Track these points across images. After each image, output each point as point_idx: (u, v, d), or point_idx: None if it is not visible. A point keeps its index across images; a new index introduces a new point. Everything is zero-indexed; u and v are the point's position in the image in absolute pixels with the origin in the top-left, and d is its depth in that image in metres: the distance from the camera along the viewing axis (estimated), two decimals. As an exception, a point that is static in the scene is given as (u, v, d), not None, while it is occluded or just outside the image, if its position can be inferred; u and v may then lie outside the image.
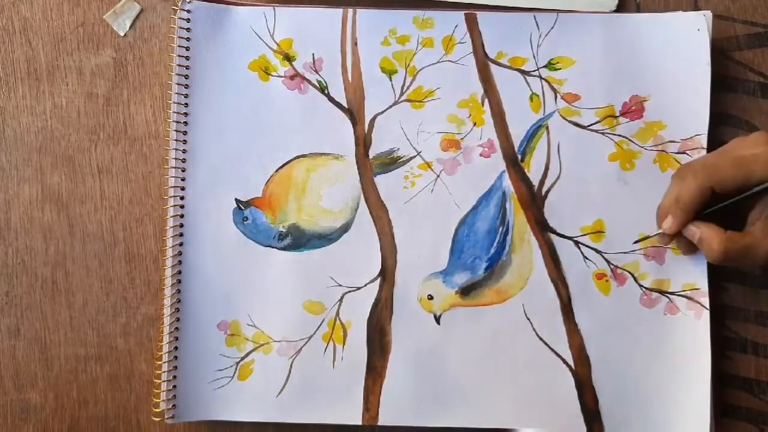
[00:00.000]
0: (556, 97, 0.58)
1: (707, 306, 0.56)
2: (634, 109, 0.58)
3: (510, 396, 0.57)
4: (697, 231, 0.53)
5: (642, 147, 0.58)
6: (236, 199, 0.58)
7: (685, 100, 0.57)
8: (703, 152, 0.57)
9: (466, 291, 0.58)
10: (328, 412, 0.57)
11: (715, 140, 0.57)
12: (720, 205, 0.53)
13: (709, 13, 0.57)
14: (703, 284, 0.56)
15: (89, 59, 0.60)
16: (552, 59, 0.58)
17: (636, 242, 0.57)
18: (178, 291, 0.57)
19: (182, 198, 0.58)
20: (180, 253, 0.58)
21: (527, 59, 0.58)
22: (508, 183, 0.58)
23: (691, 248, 0.56)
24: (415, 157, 0.58)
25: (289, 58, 0.59)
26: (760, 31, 0.59)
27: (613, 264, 0.57)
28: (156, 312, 0.59)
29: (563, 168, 0.58)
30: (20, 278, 0.60)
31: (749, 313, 0.58)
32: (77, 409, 0.59)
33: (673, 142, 0.57)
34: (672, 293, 0.57)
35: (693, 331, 0.56)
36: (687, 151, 0.57)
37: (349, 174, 0.59)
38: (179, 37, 0.58)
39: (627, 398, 0.56)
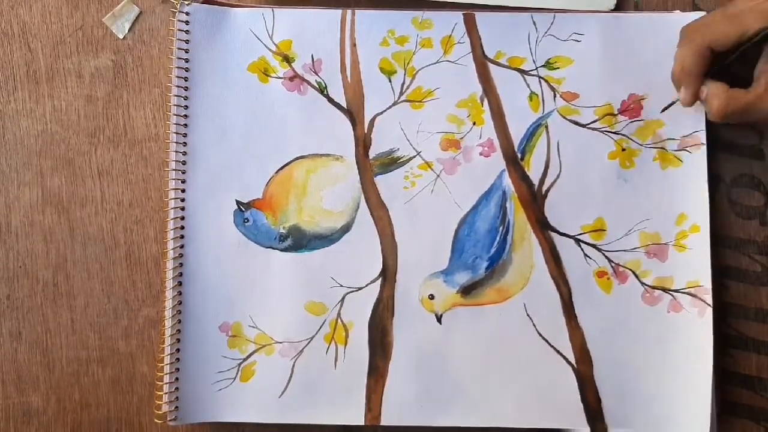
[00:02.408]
0: (554, 96, 0.58)
1: (710, 303, 0.56)
2: (632, 107, 0.58)
3: (512, 395, 0.57)
4: (705, 89, 0.53)
5: (641, 145, 0.58)
6: (237, 201, 0.58)
7: None
8: (703, 148, 0.57)
9: (467, 290, 0.58)
10: (331, 412, 0.57)
11: (714, 138, 0.57)
12: (726, 62, 0.53)
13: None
14: (707, 281, 0.56)
15: (88, 62, 0.60)
16: (550, 59, 0.58)
17: (664, 110, 0.57)
18: (180, 293, 0.57)
19: (183, 200, 0.58)
20: (181, 255, 0.58)
21: (525, 59, 0.59)
22: (508, 182, 0.58)
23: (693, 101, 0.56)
24: (415, 157, 0.58)
25: (288, 60, 0.59)
26: (758, 29, 0.59)
27: (614, 262, 0.57)
28: (157, 314, 0.59)
29: (563, 166, 0.58)
30: (21, 281, 0.60)
31: (750, 311, 0.58)
32: (79, 412, 0.59)
33: (673, 139, 0.57)
34: (675, 291, 0.57)
35: (696, 329, 0.56)
36: (687, 148, 0.57)
37: (350, 174, 0.59)
38: (178, 40, 0.58)
39: (629, 396, 0.56)
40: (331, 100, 0.59)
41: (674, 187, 0.57)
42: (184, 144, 0.58)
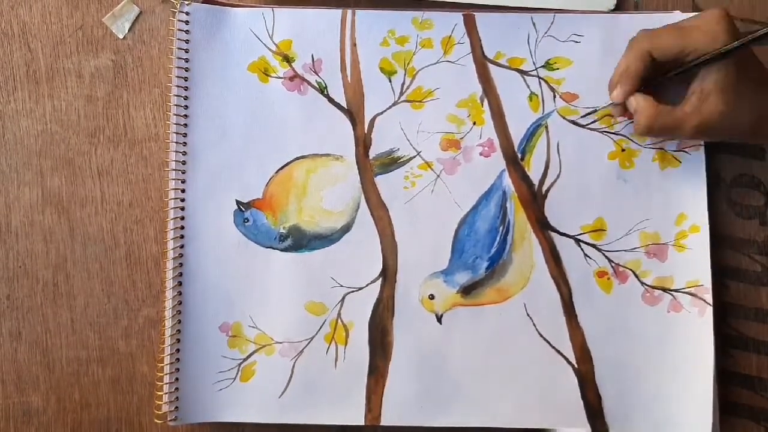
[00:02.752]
0: (554, 97, 0.58)
1: (710, 302, 0.56)
2: (632, 107, 0.58)
3: (512, 394, 0.57)
4: (633, 101, 0.54)
5: (641, 145, 0.58)
6: (237, 201, 0.58)
7: None
8: (701, 149, 0.57)
9: (467, 290, 0.58)
10: (331, 412, 0.57)
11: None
12: (665, 76, 0.53)
13: None
14: (707, 281, 0.56)
15: (88, 62, 0.60)
16: (550, 59, 0.59)
17: (586, 114, 0.58)
18: (180, 293, 0.57)
19: (183, 200, 0.58)
20: (181, 255, 0.58)
21: (525, 59, 0.59)
22: (508, 182, 0.58)
23: (622, 113, 0.56)
24: (415, 157, 0.58)
25: (288, 60, 0.59)
26: (758, 30, 0.59)
27: (614, 262, 0.57)
28: (157, 314, 0.59)
29: (563, 166, 0.58)
30: (21, 281, 0.60)
31: (750, 311, 0.58)
32: (79, 412, 0.59)
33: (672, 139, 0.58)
34: (675, 290, 0.57)
35: (696, 328, 0.57)
36: (685, 149, 0.57)
37: (350, 174, 0.59)
38: (178, 39, 0.58)
39: (630, 395, 0.56)
40: (331, 100, 0.59)
41: (673, 188, 0.57)
42: (184, 144, 0.58)
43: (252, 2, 0.60)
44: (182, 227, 0.58)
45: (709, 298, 0.56)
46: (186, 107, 0.58)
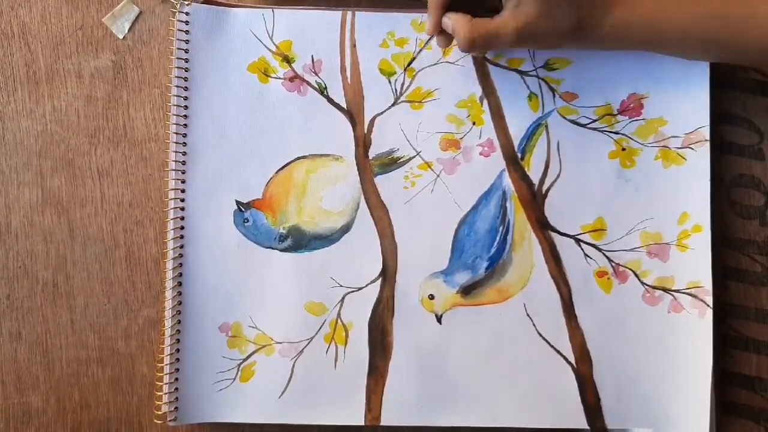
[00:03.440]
0: (554, 97, 0.58)
1: (710, 304, 0.56)
2: (632, 106, 0.58)
3: (512, 394, 0.57)
4: (449, 21, 0.53)
5: (642, 144, 0.58)
6: (237, 201, 0.58)
7: (686, 94, 0.57)
8: (707, 145, 0.57)
9: (467, 290, 0.58)
10: (331, 412, 0.57)
11: (714, 138, 0.57)
12: None
13: None
14: (707, 282, 0.56)
15: (88, 62, 0.60)
16: (549, 59, 0.59)
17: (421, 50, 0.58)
18: (179, 293, 0.57)
19: (183, 200, 0.58)
20: (181, 256, 0.58)
21: (524, 60, 0.59)
22: (508, 182, 0.58)
23: (449, 40, 0.56)
24: (414, 157, 0.58)
25: (288, 60, 0.59)
26: (757, 29, 0.59)
27: (614, 262, 0.57)
28: (157, 314, 0.59)
29: (563, 166, 0.58)
30: (21, 282, 0.60)
31: (750, 311, 0.58)
32: (79, 413, 0.59)
33: (676, 137, 0.57)
34: (676, 291, 0.57)
35: (696, 330, 0.56)
36: (691, 146, 0.57)
37: (349, 175, 0.59)
38: (178, 40, 0.58)
39: (628, 395, 0.56)
40: (331, 101, 0.59)
41: (677, 186, 0.57)
42: (184, 144, 0.58)
43: (252, 2, 0.60)
44: (182, 227, 0.58)
45: (709, 299, 0.56)
46: (186, 107, 0.58)
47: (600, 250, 0.57)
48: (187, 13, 0.58)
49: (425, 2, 0.54)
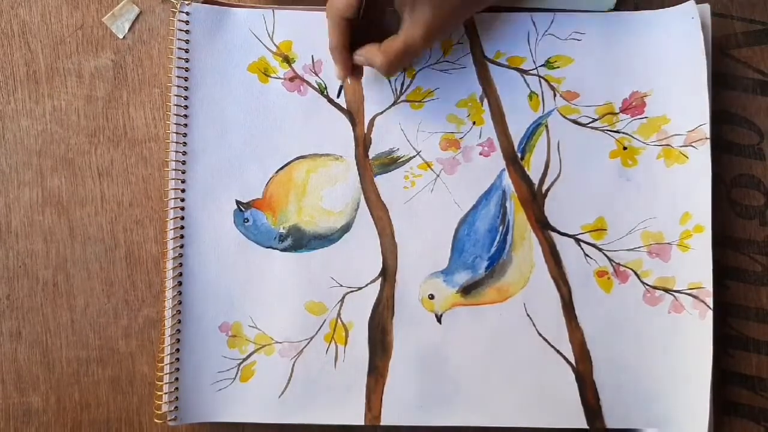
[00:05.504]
0: (554, 96, 0.58)
1: (711, 306, 0.56)
2: (634, 105, 0.58)
3: (512, 394, 0.57)
4: (361, 57, 0.54)
5: (644, 143, 0.58)
6: (237, 201, 0.58)
7: (687, 91, 0.57)
8: (707, 143, 0.57)
9: (467, 290, 0.58)
10: (331, 412, 0.57)
11: (714, 138, 0.57)
12: (360, 18, 0.53)
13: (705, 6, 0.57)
14: (708, 283, 0.56)
15: (88, 62, 0.60)
16: (550, 58, 0.58)
17: (339, 95, 0.59)
18: (180, 293, 0.57)
19: (183, 200, 0.58)
20: (181, 255, 0.58)
21: (525, 58, 0.59)
22: (508, 181, 0.58)
23: (361, 74, 0.58)
24: (414, 156, 0.58)
25: (288, 60, 0.59)
26: (758, 29, 0.59)
27: (615, 261, 0.57)
28: (157, 314, 0.59)
29: (563, 166, 0.58)
30: (21, 281, 0.60)
31: (750, 311, 0.58)
32: (79, 412, 0.59)
33: (679, 135, 0.57)
34: (677, 291, 0.57)
35: (696, 330, 0.56)
36: (693, 144, 0.57)
37: (349, 174, 0.59)
38: (178, 39, 0.58)
39: (628, 395, 0.56)
40: (331, 101, 0.59)
41: (679, 186, 0.57)
42: (184, 144, 0.58)
43: (252, 2, 0.60)
44: (182, 227, 0.58)
45: (710, 300, 0.56)
46: (186, 107, 0.58)
47: (600, 249, 0.57)
48: (187, 13, 0.58)
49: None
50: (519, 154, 0.58)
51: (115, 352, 0.59)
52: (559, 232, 0.58)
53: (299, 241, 0.58)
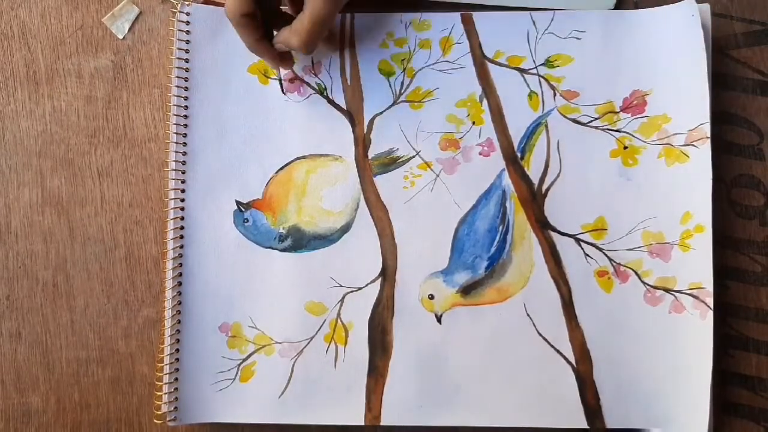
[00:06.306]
0: (554, 95, 0.58)
1: (711, 306, 0.56)
2: (635, 103, 0.58)
3: (512, 394, 0.57)
4: (280, 44, 0.54)
5: (645, 142, 0.58)
6: (236, 201, 0.58)
7: (688, 89, 0.57)
8: (708, 142, 0.57)
9: (466, 290, 0.58)
10: (331, 412, 0.57)
11: (714, 138, 0.57)
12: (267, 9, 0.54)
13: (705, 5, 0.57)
14: (709, 283, 0.56)
15: (88, 62, 0.60)
16: (550, 57, 0.58)
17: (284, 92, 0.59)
18: (179, 293, 0.57)
19: (182, 200, 0.58)
20: (181, 256, 0.58)
21: (525, 58, 0.59)
22: (507, 181, 0.58)
23: (291, 60, 0.57)
24: (414, 157, 0.58)
25: (287, 60, 0.59)
26: (758, 29, 0.59)
27: (615, 261, 0.57)
28: (157, 314, 0.59)
29: (563, 165, 0.58)
30: (21, 282, 0.60)
31: (750, 311, 0.58)
32: (79, 413, 0.59)
33: (680, 134, 0.57)
34: (678, 292, 0.57)
35: (697, 331, 0.56)
36: (693, 143, 0.57)
37: (349, 175, 0.59)
38: (178, 40, 0.58)
39: (628, 395, 0.56)
40: (330, 102, 0.59)
41: (680, 185, 0.57)
42: (184, 144, 0.58)
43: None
44: (182, 227, 0.58)
45: (710, 301, 0.56)
46: (186, 107, 0.58)
47: (601, 249, 0.57)
48: (187, 14, 0.58)
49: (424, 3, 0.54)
50: (519, 154, 0.58)
51: (114, 352, 0.59)
52: (559, 232, 0.58)
53: (299, 241, 0.58)
